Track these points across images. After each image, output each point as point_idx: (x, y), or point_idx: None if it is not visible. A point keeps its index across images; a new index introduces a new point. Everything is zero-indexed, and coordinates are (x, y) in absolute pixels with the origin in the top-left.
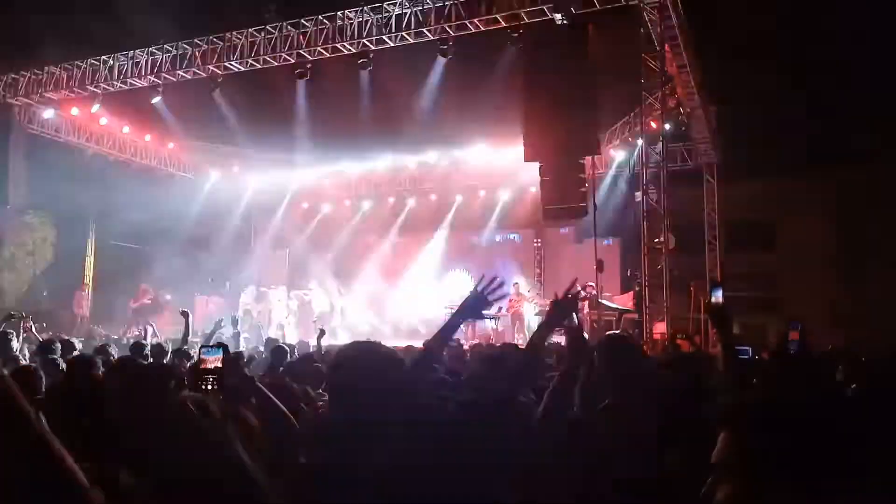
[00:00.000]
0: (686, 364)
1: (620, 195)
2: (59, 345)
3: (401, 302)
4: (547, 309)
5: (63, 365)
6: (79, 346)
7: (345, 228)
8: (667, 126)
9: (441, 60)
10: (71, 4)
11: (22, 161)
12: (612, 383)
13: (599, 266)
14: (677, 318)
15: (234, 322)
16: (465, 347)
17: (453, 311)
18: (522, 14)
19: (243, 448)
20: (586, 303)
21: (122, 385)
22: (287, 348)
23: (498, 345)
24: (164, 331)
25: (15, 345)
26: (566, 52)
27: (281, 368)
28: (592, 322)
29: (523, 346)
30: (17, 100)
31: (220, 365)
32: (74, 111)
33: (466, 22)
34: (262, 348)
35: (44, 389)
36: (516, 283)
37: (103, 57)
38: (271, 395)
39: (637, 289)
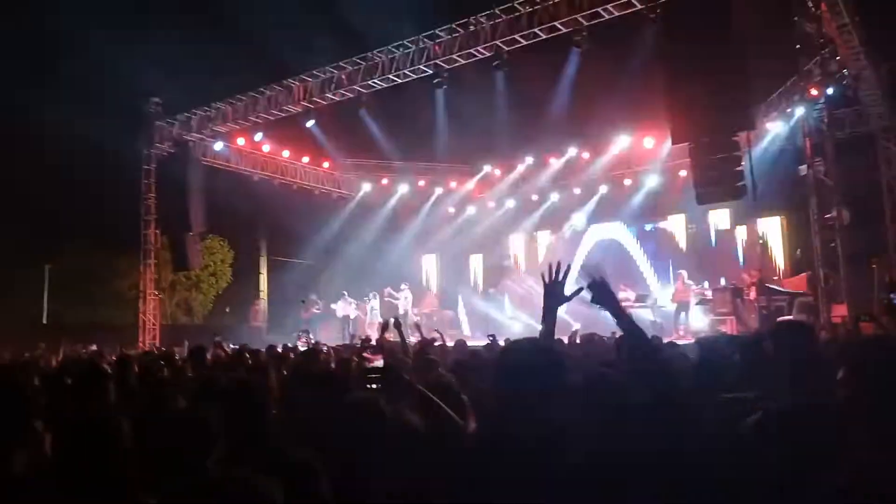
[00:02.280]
0: (874, 349)
1: (783, 170)
2: (247, 354)
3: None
4: (707, 297)
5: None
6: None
7: (490, 229)
8: (829, 91)
9: (575, 53)
10: (233, 49)
11: (200, 191)
12: (787, 373)
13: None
14: (858, 300)
15: (397, 324)
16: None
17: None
18: None
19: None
20: (752, 289)
21: (308, 385)
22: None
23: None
24: (330, 337)
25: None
26: (708, 24)
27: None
28: (762, 309)
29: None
30: (191, 136)
31: (383, 365)
32: (240, 141)
33: (599, 9)
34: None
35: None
36: (681, 272)
37: (261, 89)
38: (428, 393)
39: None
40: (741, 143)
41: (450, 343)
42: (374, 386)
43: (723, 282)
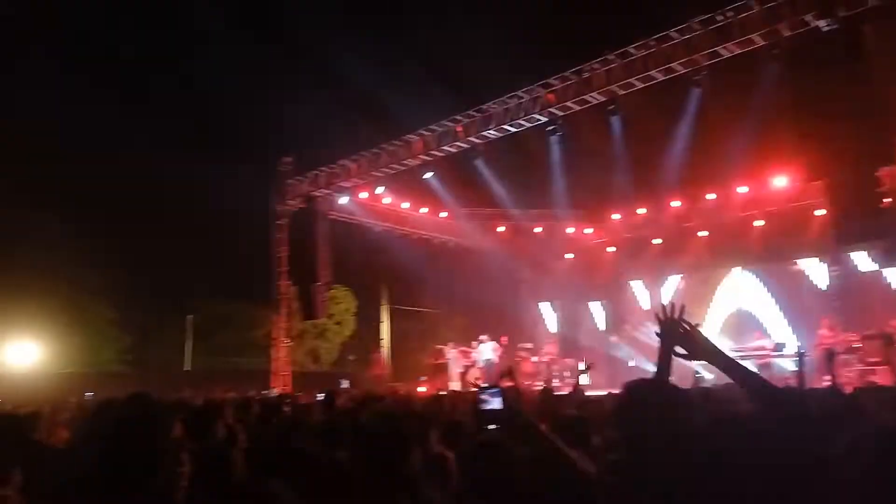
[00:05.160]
0: None
1: None
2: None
3: None
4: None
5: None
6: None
7: (609, 274)
8: None
9: (694, 93)
10: (356, 109)
11: (326, 243)
12: None
13: None
14: None
15: (511, 370)
16: None
17: (738, 352)
18: (780, 28)
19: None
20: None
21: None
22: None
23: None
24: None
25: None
26: (840, 55)
27: None
28: None
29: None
30: (319, 192)
31: (500, 407)
32: (363, 195)
33: (718, 49)
34: None
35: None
36: (824, 318)
37: (382, 145)
38: (546, 433)
39: None
40: (884, 179)
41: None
42: (491, 427)
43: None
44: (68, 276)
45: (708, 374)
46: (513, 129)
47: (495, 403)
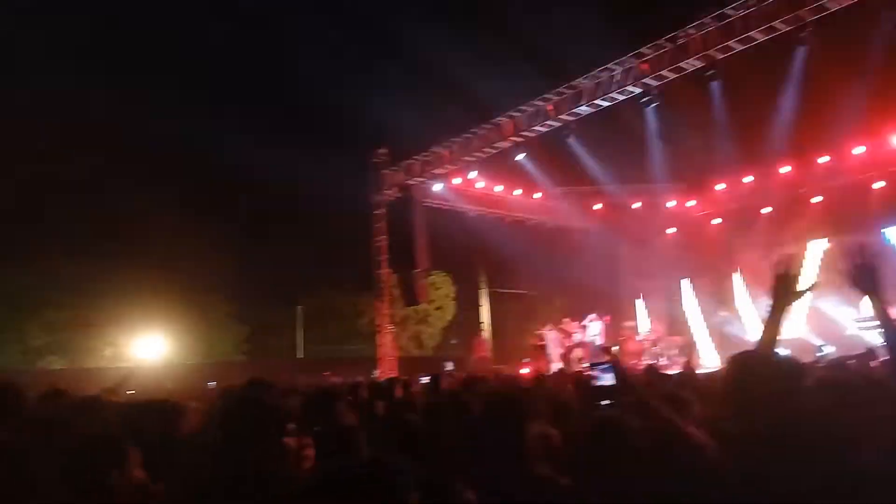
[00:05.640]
0: None
1: None
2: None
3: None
4: None
5: None
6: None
7: (715, 247)
8: None
9: (800, 52)
10: (445, 95)
11: (423, 230)
12: None
13: None
14: None
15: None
16: None
17: (863, 326)
18: None
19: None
20: None
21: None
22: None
23: None
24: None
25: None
26: None
27: None
28: None
29: None
30: (414, 180)
31: (612, 383)
32: (456, 181)
33: (824, 2)
34: None
35: None
36: None
37: (473, 130)
38: (659, 407)
39: None
40: None
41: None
42: (604, 403)
43: None
44: (188, 272)
45: (830, 347)
46: (605, 104)
47: (607, 379)
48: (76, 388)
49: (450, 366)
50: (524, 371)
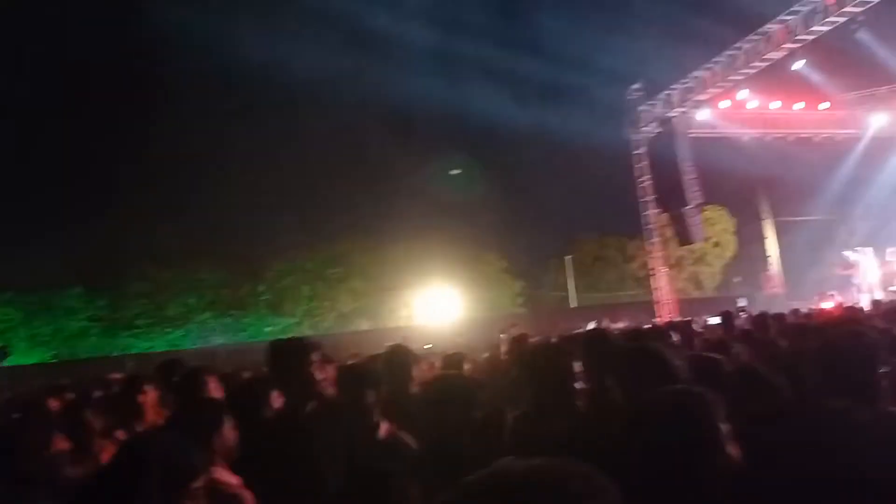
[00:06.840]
0: None
1: None
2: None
3: None
4: None
5: None
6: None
7: None
8: None
9: None
10: (699, 15)
11: (690, 164)
12: None
13: None
14: None
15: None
16: None
17: None
18: None
19: None
20: None
21: None
22: None
23: None
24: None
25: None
26: None
27: None
28: None
29: None
30: (674, 112)
31: None
32: (723, 104)
33: None
34: None
35: None
36: None
37: (737, 45)
38: None
39: None
40: None
41: None
42: None
43: None
44: (463, 234)
45: None
46: None
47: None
48: (379, 347)
49: (743, 302)
50: (827, 305)
